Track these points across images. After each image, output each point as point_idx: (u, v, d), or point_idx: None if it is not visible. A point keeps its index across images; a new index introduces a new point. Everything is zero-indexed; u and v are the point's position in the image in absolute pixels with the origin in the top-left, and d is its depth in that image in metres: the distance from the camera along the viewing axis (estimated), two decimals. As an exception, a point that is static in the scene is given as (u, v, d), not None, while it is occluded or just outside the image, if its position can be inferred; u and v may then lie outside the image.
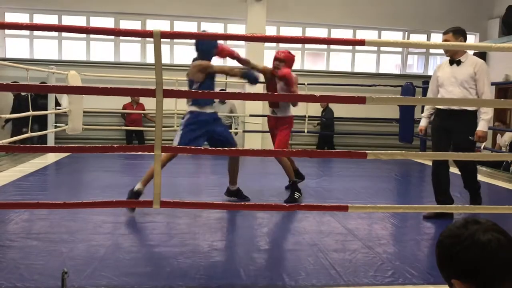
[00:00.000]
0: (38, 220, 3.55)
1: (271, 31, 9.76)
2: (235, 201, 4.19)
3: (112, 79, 8.77)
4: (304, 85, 8.42)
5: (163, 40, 2.48)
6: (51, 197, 4.19)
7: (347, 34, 10.23)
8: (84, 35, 9.55)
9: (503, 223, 1.13)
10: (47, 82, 7.27)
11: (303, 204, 2.99)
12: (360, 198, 4.66)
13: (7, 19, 9.18)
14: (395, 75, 10.40)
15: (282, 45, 8.76)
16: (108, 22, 9.71)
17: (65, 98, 7.21)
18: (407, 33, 10.50)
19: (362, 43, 2.73)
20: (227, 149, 3.77)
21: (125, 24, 9.74)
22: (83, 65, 9.23)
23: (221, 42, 4.14)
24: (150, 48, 7.59)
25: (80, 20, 9.61)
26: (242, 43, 9.68)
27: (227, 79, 9.05)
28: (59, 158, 6.56)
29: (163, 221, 3.63)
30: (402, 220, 3.83)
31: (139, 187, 3.77)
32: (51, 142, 7.49)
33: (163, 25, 9.70)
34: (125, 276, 2.51)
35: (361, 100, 2.65)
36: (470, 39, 10.32)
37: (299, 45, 10.05)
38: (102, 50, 10.02)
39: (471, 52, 4.04)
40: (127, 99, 9.01)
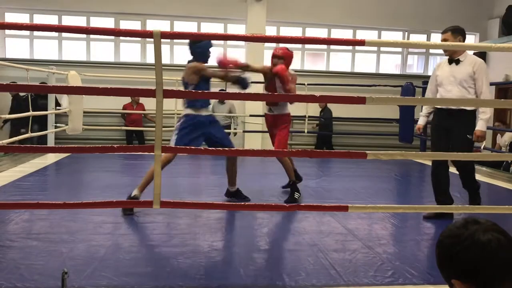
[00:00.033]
0: (38, 220, 3.55)
1: (271, 31, 9.76)
2: (235, 201, 4.19)
3: (112, 79, 8.77)
4: (304, 85, 8.42)
5: (163, 40, 2.48)
6: (51, 197, 4.19)
7: (347, 34, 10.24)
8: (84, 35, 9.56)
9: (503, 223, 1.13)
10: (47, 82, 7.27)
11: (303, 204, 2.99)
12: (360, 198, 4.66)
13: (7, 19, 9.19)
14: (395, 75, 10.41)
15: (282, 45, 8.74)
16: (108, 22, 9.72)
17: (65, 98, 7.21)
18: (407, 33, 10.51)
19: (362, 43, 2.73)
20: (227, 149, 3.77)
21: (125, 24, 9.75)
22: (83, 65, 9.24)
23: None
24: (150, 48, 7.61)
25: (80, 20, 9.61)
26: (242, 43, 9.69)
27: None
28: (59, 158, 6.56)
29: (163, 221, 3.63)
30: (402, 220, 3.83)
31: (135, 193, 3.77)
32: (51, 142, 7.49)
33: (163, 25, 9.70)
34: (125, 276, 2.52)
35: (361, 100, 2.65)
36: (470, 39, 10.33)
37: (299, 45, 10.05)
38: (102, 50, 10.02)
39: (470, 52, 4.04)
40: (127, 99, 9.02)
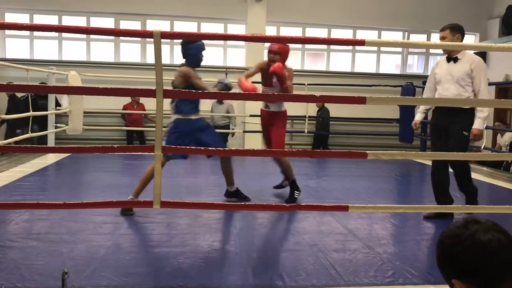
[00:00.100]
0: (39, 220, 3.55)
1: (271, 31, 9.76)
2: (236, 201, 4.19)
3: (112, 80, 8.76)
4: (304, 85, 8.42)
5: (163, 40, 2.48)
6: (51, 198, 4.19)
7: (347, 34, 10.23)
8: (84, 35, 9.55)
9: (503, 223, 1.13)
10: (47, 83, 7.28)
11: (303, 204, 2.99)
12: (360, 198, 4.66)
13: (7, 20, 9.19)
14: (395, 75, 10.40)
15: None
16: (108, 22, 9.71)
17: (65, 98, 7.21)
18: (407, 33, 10.51)
19: (362, 43, 2.73)
20: (227, 149, 3.77)
21: (125, 24, 9.74)
22: (83, 65, 9.23)
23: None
24: (150, 48, 7.61)
25: (80, 21, 9.61)
26: (242, 43, 9.69)
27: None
28: (59, 158, 6.57)
29: (163, 221, 3.63)
30: (402, 220, 3.83)
31: (131, 197, 3.78)
32: (51, 143, 7.50)
33: (163, 25, 9.70)
34: (125, 276, 2.52)
35: (361, 100, 2.65)
36: (470, 39, 10.33)
37: (299, 45, 10.05)
38: (102, 50, 10.02)
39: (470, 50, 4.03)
40: (127, 99, 9.02)
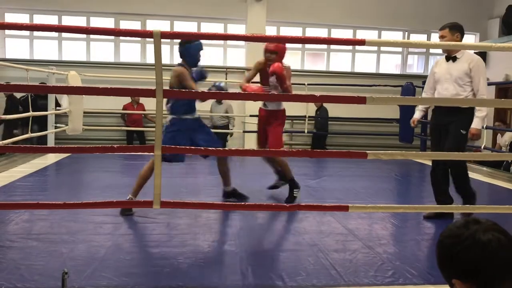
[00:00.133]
0: (38, 220, 3.55)
1: (271, 31, 9.76)
2: (234, 201, 4.19)
3: (112, 80, 8.76)
4: (304, 85, 8.42)
5: (163, 40, 2.48)
6: (51, 198, 4.19)
7: (347, 34, 10.23)
8: (84, 35, 9.55)
9: (503, 223, 1.13)
10: (47, 83, 7.27)
11: (303, 204, 2.99)
12: (360, 198, 4.66)
13: (7, 20, 9.18)
14: (395, 75, 10.40)
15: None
16: (108, 22, 9.71)
17: (65, 98, 7.21)
18: (407, 33, 10.51)
19: (362, 43, 2.73)
20: (227, 149, 3.76)
21: (125, 24, 9.74)
22: (83, 65, 9.23)
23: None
24: (150, 48, 7.60)
25: (80, 21, 9.61)
26: (242, 43, 9.69)
27: (226, 79, 9.08)
28: (59, 158, 6.57)
29: (163, 221, 3.63)
30: (402, 220, 3.83)
31: (130, 197, 3.79)
32: (51, 143, 7.49)
33: (163, 25, 9.70)
34: (125, 277, 2.52)
35: (361, 100, 2.65)
36: (470, 39, 10.33)
37: (299, 45, 10.05)
38: (102, 50, 10.01)
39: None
40: (127, 99, 9.01)
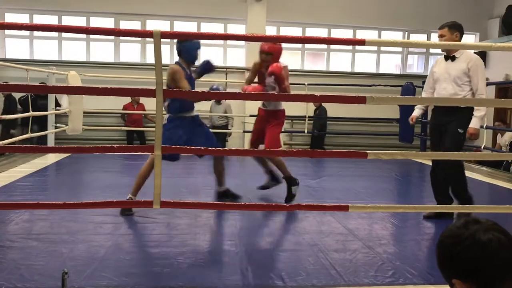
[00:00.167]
0: (39, 220, 3.55)
1: (271, 31, 9.76)
2: (229, 201, 4.17)
3: (112, 80, 8.76)
4: (304, 85, 8.42)
5: (163, 40, 2.49)
6: (51, 198, 4.19)
7: (347, 34, 10.23)
8: (84, 35, 9.55)
9: (503, 223, 1.13)
10: (47, 83, 7.27)
11: (303, 204, 2.99)
12: (360, 198, 4.66)
13: (7, 20, 9.19)
14: (395, 75, 10.41)
15: (282, 45, 8.73)
16: (108, 22, 9.72)
17: (65, 98, 7.21)
18: (407, 33, 10.51)
19: (362, 42, 2.73)
20: (227, 149, 3.76)
21: (125, 24, 9.74)
22: (83, 65, 9.23)
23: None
24: (150, 48, 7.59)
25: (80, 20, 9.61)
26: (242, 43, 9.69)
27: (226, 79, 9.08)
28: (59, 158, 6.57)
29: (163, 221, 3.63)
30: (402, 220, 3.83)
31: (130, 197, 3.79)
32: (51, 143, 7.49)
33: (163, 25, 9.70)
34: (125, 277, 2.51)
35: (361, 100, 2.65)
36: (470, 39, 10.33)
37: (299, 45, 10.04)
38: (102, 50, 10.02)
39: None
40: (127, 99, 9.02)
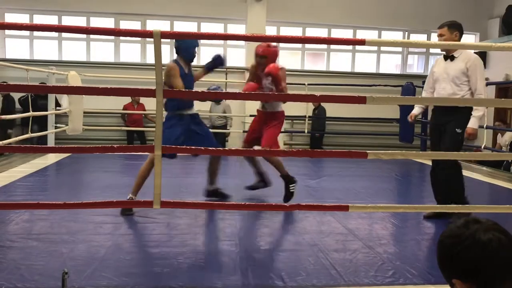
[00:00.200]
0: (39, 220, 3.55)
1: (271, 31, 9.75)
2: (218, 201, 4.15)
3: (112, 80, 8.76)
4: (304, 85, 8.42)
5: (163, 40, 2.49)
6: (52, 198, 4.19)
7: (347, 34, 10.23)
8: (84, 35, 9.55)
9: (503, 223, 1.13)
10: (47, 83, 7.27)
11: (303, 204, 2.99)
12: (360, 198, 4.66)
13: (7, 20, 9.19)
14: (395, 75, 10.40)
15: (282, 45, 8.75)
16: (108, 22, 9.72)
17: (65, 98, 7.20)
18: (407, 33, 10.51)
19: (362, 42, 2.73)
20: (227, 149, 3.76)
21: (125, 24, 9.74)
22: (83, 65, 9.23)
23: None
24: (150, 48, 7.59)
25: (80, 21, 9.61)
26: (242, 43, 9.69)
27: (226, 79, 9.08)
28: (60, 158, 6.57)
29: (163, 221, 3.63)
30: (403, 220, 3.83)
31: (130, 196, 3.79)
32: (51, 143, 7.49)
33: (163, 25, 9.70)
34: (125, 277, 2.51)
35: (361, 100, 2.65)
36: (470, 38, 10.32)
37: (299, 45, 10.04)
38: (102, 50, 10.02)
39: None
40: (127, 99, 9.01)
